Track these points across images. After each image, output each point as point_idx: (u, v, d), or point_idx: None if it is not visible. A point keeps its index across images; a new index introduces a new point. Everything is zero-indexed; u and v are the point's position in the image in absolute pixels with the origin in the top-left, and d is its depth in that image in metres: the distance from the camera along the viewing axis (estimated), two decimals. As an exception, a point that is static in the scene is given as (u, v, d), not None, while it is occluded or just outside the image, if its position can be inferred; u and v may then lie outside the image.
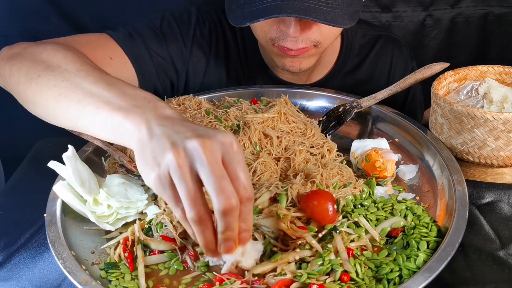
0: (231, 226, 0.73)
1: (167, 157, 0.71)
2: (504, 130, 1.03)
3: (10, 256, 0.97)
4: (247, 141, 1.10)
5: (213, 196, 0.70)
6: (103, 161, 1.15)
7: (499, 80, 1.21)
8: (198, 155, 0.70)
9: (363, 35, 1.49)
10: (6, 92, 1.25)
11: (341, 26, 1.12)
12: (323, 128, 1.22)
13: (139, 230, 0.93)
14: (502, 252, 0.92)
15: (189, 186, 0.71)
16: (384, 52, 1.50)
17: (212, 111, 1.20)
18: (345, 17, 1.12)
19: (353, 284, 0.84)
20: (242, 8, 1.13)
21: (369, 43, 1.50)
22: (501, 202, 1.04)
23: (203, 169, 0.70)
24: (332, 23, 1.10)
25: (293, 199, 0.95)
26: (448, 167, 1.03)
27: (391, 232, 0.95)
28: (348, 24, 1.13)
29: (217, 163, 0.71)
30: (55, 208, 0.97)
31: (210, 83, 1.40)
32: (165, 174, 0.71)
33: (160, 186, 0.72)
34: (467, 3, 1.85)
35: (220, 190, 0.70)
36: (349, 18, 1.13)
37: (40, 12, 1.70)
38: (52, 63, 0.98)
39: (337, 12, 1.10)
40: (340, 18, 1.11)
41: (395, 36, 1.56)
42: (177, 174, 0.70)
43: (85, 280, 0.83)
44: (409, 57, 1.55)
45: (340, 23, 1.11)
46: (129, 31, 1.29)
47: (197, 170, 0.71)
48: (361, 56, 1.48)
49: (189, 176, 0.71)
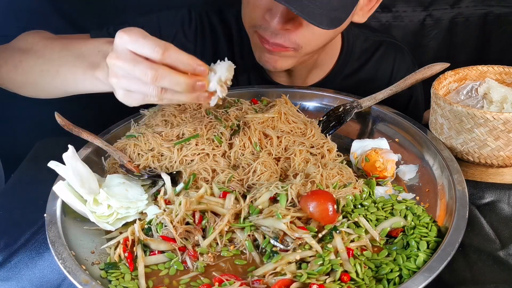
0: (176, 80, 0.91)
1: (106, 61, 0.94)
2: (504, 130, 1.03)
3: (10, 256, 0.97)
4: (247, 141, 1.10)
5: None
6: (103, 161, 1.15)
7: (499, 80, 1.21)
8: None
9: (365, 40, 1.47)
10: (6, 92, 1.25)
11: (317, 25, 1.07)
12: (323, 128, 1.22)
13: (139, 230, 0.93)
14: (502, 252, 0.93)
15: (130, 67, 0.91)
16: (386, 57, 1.49)
17: (212, 111, 1.20)
18: (324, 18, 1.07)
19: (353, 284, 0.84)
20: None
21: (371, 48, 1.48)
22: (501, 202, 1.04)
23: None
24: (308, 18, 1.05)
25: (293, 199, 0.95)
26: (448, 167, 1.03)
27: (391, 232, 0.95)
28: (325, 26, 1.08)
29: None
30: (55, 208, 0.97)
31: None
32: (121, 73, 0.93)
33: (124, 82, 0.93)
34: (467, 3, 1.85)
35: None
36: (329, 21, 1.09)
37: (40, 12, 1.70)
38: (26, 47, 1.18)
39: (317, 10, 1.06)
40: (319, 17, 1.07)
41: (398, 42, 1.54)
42: (123, 66, 0.92)
43: (85, 280, 0.83)
44: (412, 63, 1.53)
45: (317, 22, 1.07)
46: (110, 31, 1.31)
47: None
48: (362, 60, 1.47)
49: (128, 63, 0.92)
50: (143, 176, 1.06)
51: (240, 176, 1.06)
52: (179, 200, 0.95)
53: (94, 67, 1.02)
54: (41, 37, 1.20)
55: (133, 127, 1.21)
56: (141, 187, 1.05)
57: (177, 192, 1.02)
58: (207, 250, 0.92)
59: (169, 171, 1.07)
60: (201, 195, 0.98)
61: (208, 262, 0.91)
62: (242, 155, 1.09)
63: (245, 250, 0.93)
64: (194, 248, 0.92)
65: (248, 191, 1.03)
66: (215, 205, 0.97)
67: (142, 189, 1.05)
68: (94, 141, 1.13)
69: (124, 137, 1.18)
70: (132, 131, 1.19)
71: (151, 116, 1.22)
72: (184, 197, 0.96)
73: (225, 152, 1.11)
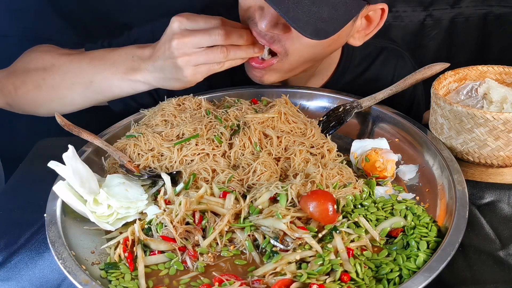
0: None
1: (172, 46, 1.09)
2: (504, 130, 1.03)
3: (10, 256, 0.97)
4: (247, 141, 1.10)
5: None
6: (103, 161, 1.15)
7: (499, 80, 1.21)
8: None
9: (366, 46, 1.45)
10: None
11: (299, 30, 1.02)
12: (323, 128, 1.22)
13: (139, 230, 0.93)
14: (502, 252, 0.93)
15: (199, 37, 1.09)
16: (387, 64, 1.47)
17: (212, 111, 1.20)
18: (309, 26, 1.03)
19: (353, 284, 0.84)
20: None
21: (372, 54, 1.46)
22: (501, 202, 1.04)
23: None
24: (291, 22, 1.01)
25: (293, 199, 0.95)
26: (448, 167, 1.03)
27: (391, 232, 0.95)
28: (308, 34, 1.03)
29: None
30: (55, 208, 0.97)
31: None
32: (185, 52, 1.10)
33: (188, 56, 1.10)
34: (467, 3, 1.85)
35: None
36: (313, 30, 1.03)
37: (40, 12, 1.70)
38: (45, 65, 1.23)
39: (302, 17, 1.02)
40: (303, 23, 1.02)
41: (399, 48, 1.53)
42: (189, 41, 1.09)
43: (85, 280, 0.83)
44: (413, 69, 1.52)
45: (300, 27, 1.02)
46: (104, 44, 1.33)
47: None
48: (362, 67, 1.45)
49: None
50: (143, 176, 1.06)
51: (240, 176, 1.06)
52: (179, 200, 0.95)
53: (133, 71, 1.17)
54: (57, 53, 1.28)
55: (133, 127, 1.21)
56: (141, 187, 1.05)
57: (177, 192, 1.02)
58: (207, 250, 0.92)
59: (169, 171, 1.07)
60: (201, 195, 0.98)
61: (208, 262, 0.91)
62: (242, 155, 1.09)
63: (245, 250, 0.93)
64: (194, 248, 0.92)
65: (248, 191, 1.03)
66: (215, 205, 0.97)
67: (142, 189, 1.05)
68: (94, 141, 1.13)
69: (124, 137, 1.18)
70: (132, 131, 1.19)
71: (151, 116, 1.22)
72: (184, 197, 0.96)
73: (225, 152, 1.11)
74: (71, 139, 1.22)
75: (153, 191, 1.05)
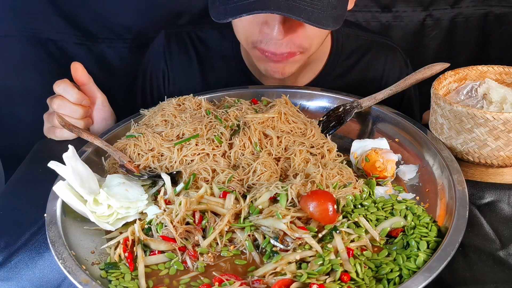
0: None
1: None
2: (504, 130, 1.03)
3: (10, 256, 0.97)
4: (247, 141, 1.10)
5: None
6: (103, 161, 1.15)
7: (499, 80, 1.21)
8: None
9: (356, 40, 1.46)
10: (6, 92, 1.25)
11: (324, 27, 1.09)
12: (323, 128, 1.22)
13: (139, 230, 0.94)
14: (502, 252, 0.92)
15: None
16: (377, 58, 1.48)
17: (212, 111, 1.20)
18: (329, 19, 1.09)
19: (353, 284, 0.84)
20: (225, 3, 1.11)
21: (362, 48, 1.47)
22: (501, 202, 1.04)
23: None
24: (316, 24, 1.07)
25: (293, 199, 0.95)
26: (448, 167, 1.03)
27: (391, 232, 0.95)
28: (332, 27, 1.10)
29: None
30: (55, 208, 0.97)
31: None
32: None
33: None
34: (467, 3, 1.85)
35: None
36: (334, 21, 1.11)
37: (40, 12, 1.70)
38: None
39: (321, 14, 1.08)
40: (324, 20, 1.08)
41: (390, 42, 1.54)
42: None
43: (85, 280, 0.83)
44: (404, 63, 1.52)
45: (324, 25, 1.08)
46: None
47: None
48: (352, 60, 1.46)
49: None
50: (143, 176, 1.06)
51: (240, 176, 1.06)
52: (179, 200, 0.95)
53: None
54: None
55: (133, 127, 1.21)
56: (141, 187, 1.05)
57: (177, 192, 1.02)
58: (207, 250, 0.92)
59: (169, 171, 1.07)
60: (201, 195, 0.98)
61: (208, 262, 0.91)
62: (242, 155, 1.09)
63: (245, 250, 0.93)
64: (194, 248, 0.92)
65: (248, 191, 1.03)
66: (215, 205, 0.97)
67: (142, 189, 1.05)
68: (94, 141, 1.13)
69: (124, 137, 1.18)
70: (132, 131, 1.19)
71: (151, 116, 1.22)
72: (184, 197, 0.96)
73: (225, 152, 1.11)
74: (71, 139, 1.22)
75: (153, 191, 1.05)
